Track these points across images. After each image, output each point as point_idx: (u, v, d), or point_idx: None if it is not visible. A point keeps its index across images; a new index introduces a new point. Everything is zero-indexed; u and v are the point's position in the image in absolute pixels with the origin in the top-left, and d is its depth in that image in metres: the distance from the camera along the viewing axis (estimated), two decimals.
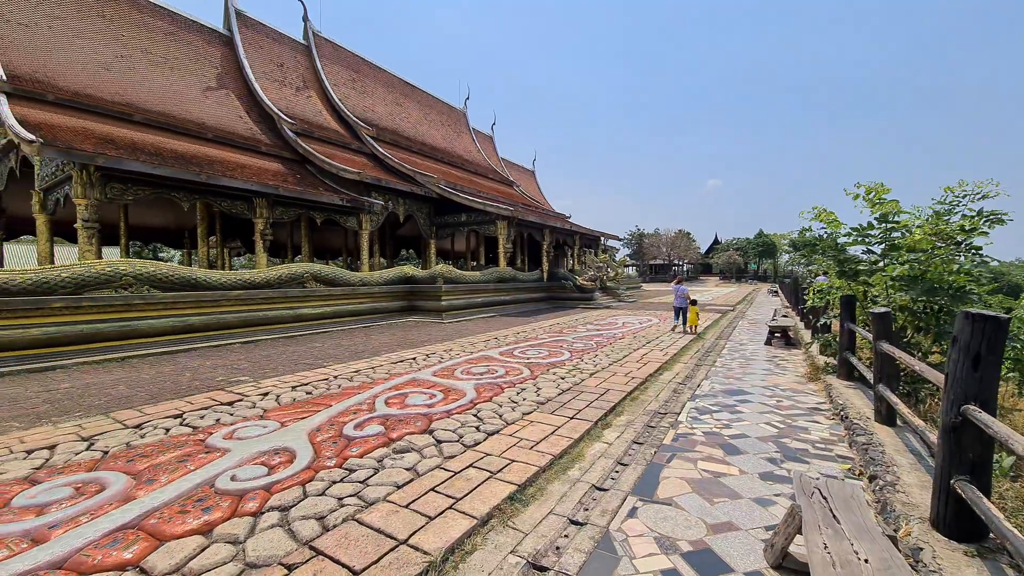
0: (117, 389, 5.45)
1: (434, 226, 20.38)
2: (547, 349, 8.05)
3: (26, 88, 11.32)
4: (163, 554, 2.17)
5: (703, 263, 71.85)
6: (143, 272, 8.28)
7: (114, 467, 3.12)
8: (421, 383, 5.51)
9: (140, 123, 13.39)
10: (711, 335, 10.44)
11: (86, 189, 9.65)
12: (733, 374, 6.50)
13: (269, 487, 2.83)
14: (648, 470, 3.31)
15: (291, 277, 10.86)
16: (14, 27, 12.28)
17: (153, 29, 16.16)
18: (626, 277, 32.83)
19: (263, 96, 17.93)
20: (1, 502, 2.64)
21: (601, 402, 4.79)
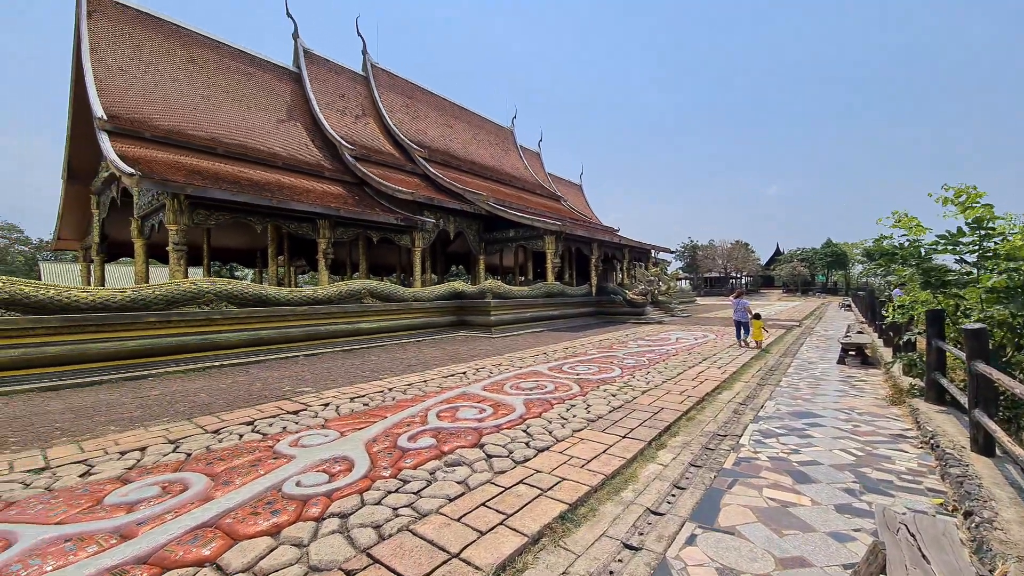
0: (199, 397, 5.97)
1: (483, 242, 20.79)
2: (597, 365, 7.90)
3: (125, 127, 12.91)
4: (237, 552, 2.34)
5: (763, 275, 67.83)
6: (222, 290, 9.07)
7: (196, 469, 3.41)
8: (471, 397, 5.58)
9: (221, 155, 14.85)
10: (775, 352, 9.80)
11: (177, 216, 10.80)
12: (801, 395, 6.04)
13: (330, 494, 2.97)
14: (707, 495, 3.14)
15: (350, 293, 11.46)
16: (115, 73, 14.10)
17: (234, 71, 17.98)
18: (679, 291, 31.65)
19: (326, 125, 19.32)
20: (95, 500, 2.94)
21: (655, 421, 4.62)
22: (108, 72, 13.87)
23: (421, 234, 16.72)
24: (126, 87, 14.03)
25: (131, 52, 14.91)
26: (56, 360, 6.99)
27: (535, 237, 19.09)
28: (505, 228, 19.98)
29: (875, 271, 41.77)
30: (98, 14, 14.61)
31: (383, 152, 20.66)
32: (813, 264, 62.37)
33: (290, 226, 13.33)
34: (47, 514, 2.74)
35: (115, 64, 14.23)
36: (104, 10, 14.85)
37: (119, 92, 13.69)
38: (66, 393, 6.35)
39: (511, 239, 20.10)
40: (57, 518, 2.69)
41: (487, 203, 18.87)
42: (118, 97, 13.53)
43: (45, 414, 5.21)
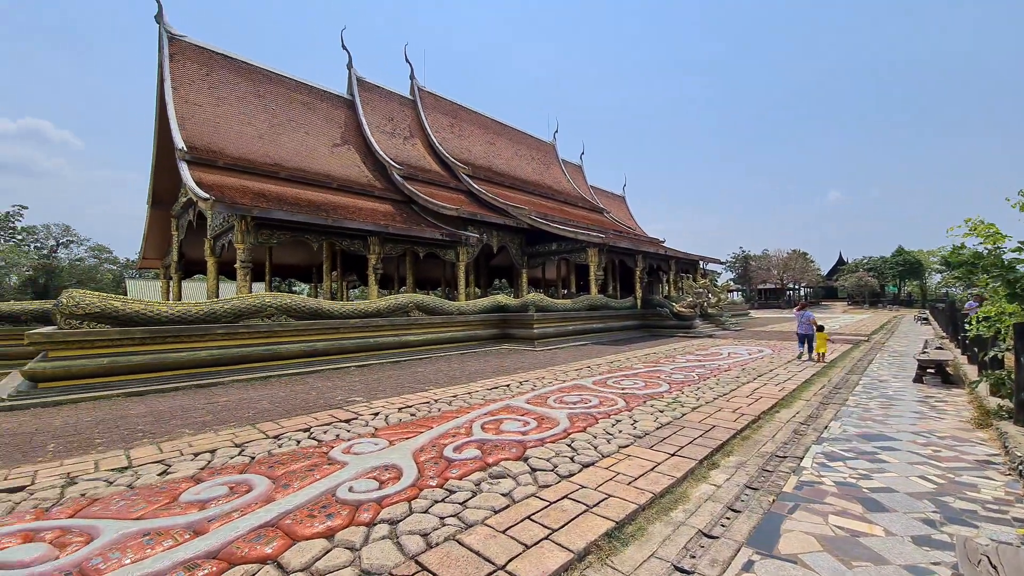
0: (261, 404, 6.37)
1: (525, 256, 20.92)
2: (643, 380, 7.69)
3: (201, 156, 14.21)
4: (295, 552, 2.46)
5: (825, 286, 63.47)
6: (282, 304, 9.68)
7: (259, 471, 3.64)
8: (515, 410, 5.59)
9: (283, 178, 15.98)
10: (840, 369, 9.12)
11: (244, 235, 11.70)
12: (872, 416, 5.57)
13: (380, 500, 3.07)
14: (766, 520, 2.96)
15: (397, 307, 11.87)
16: (193, 108, 15.60)
17: (295, 101, 19.40)
18: (730, 303, 30.23)
19: (377, 147, 20.34)
20: (171, 497, 3.20)
21: (706, 439, 4.42)
22: (187, 108, 15.39)
23: (465, 249, 17.09)
24: (202, 120, 15.49)
25: (207, 89, 16.48)
26: (139, 368, 7.71)
27: (578, 250, 18.99)
28: (547, 241, 20.02)
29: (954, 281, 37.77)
30: (179, 56, 16.31)
31: (429, 170, 21.43)
32: (883, 274, 57.63)
33: (343, 243, 14.06)
34: (128, 510, 2.99)
35: (193, 100, 15.78)
36: (184, 52, 16.57)
37: (196, 125, 15.14)
38: (147, 398, 6.98)
39: (553, 252, 20.10)
40: (137, 514, 2.94)
41: (529, 217, 19.03)
42: (195, 130, 14.96)
43: (129, 417, 5.74)
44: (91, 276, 43.42)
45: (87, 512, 2.99)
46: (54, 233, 43.40)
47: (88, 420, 5.63)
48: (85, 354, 7.30)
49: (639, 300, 20.03)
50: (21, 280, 37.49)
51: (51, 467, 3.89)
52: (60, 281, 39.53)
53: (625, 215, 39.07)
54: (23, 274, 36.93)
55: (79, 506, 3.08)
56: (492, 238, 19.17)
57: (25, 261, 35.92)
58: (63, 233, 43.88)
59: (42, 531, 2.73)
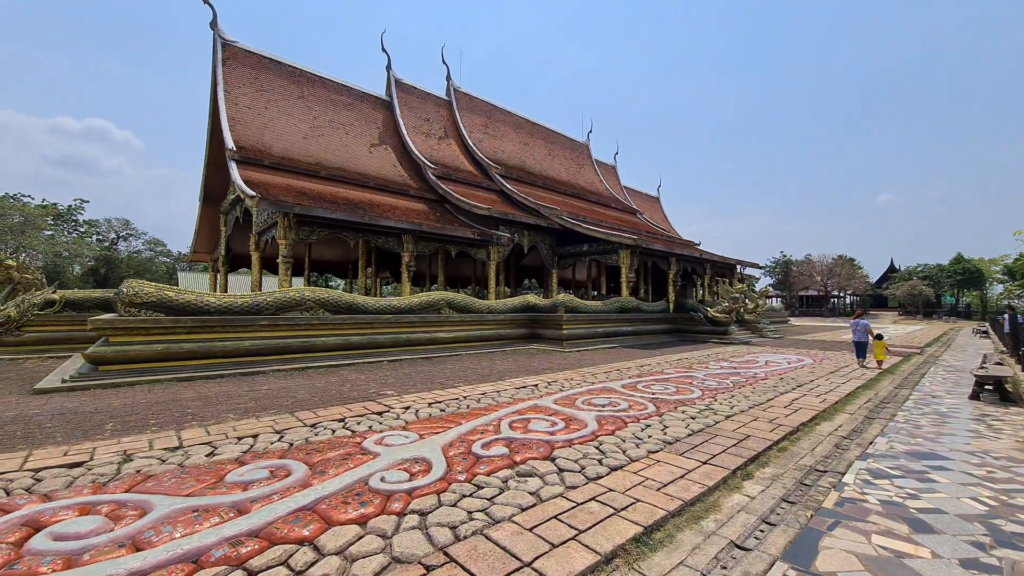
0: (299, 393, 6.64)
1: (556, 256, 20.84)
2: (674, 385, 7.52)
3: (249, 156, 14.91)
4: (331, 536, 2.57)
5: (873, 295, 60.08)
6: (320, 297, 10.05)
7: (297, 457, 3.80)
8: (543, 410, 5.60)
9: (324, 177, 16.57)
10: (888, 382, 8.63)
11: (286, 231, 12.22)
12: (922, 433, 5.25)
13: (411, 492, 3.15)
14: (803, 535, 2.85)
15: (429, 304, 12.09)
16: (243, 110, 16.39)
17: (337, 103, 20.07)
18: (768, 310, 29.11)
19: (412, 147, 20.76)
20: (217, 477, 3.39)
21: (740, 449, 4.29)
22: (237, 110, 16.20)
23: (496, 248, 17.20)
24: (250, 121, 16.27)
25: (256, 92, 17.30)
26: (190, 355, 8.18)
27: (609, 251, 18.75)
28: (579, 242, 19.88)
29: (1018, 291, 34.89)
30: (231, 61, 17.18)
31: (463, 170, 21.69)
32: (938, 283, 54.02)
33: (378, 240, 14.44)
34: (178, 487, 3.20)
35: (243, 103, 16.59)
36: (236, 58, 17.44)
37: (245, 126, 15.92)
38: (196, 383, 7.41)
39: (585, 253, 19.93)
40: (187, 491, 3.13)
41: (561, 217, 18.95)
42: (244, 130, 15.73)
43: (180, 401, 6.12)
44: (147, 268, 46.40)
45: (141, 488, 3.20)
46: (115, 227, 46.63)
47: (143, 402, 6.04)
48: (142, 340, 7.82)
49: (672, 304, 19.59)
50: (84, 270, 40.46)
51: (109, 444, 4.19)
52: (119, 272, 42.44)
53: (659, 217, 38.27)
54: (86, 264, 39.84)
55: (134, 482, 3.31)
56: (523, 238, 19.21)
57: (88, 252, 38.74)
58: (123, 227, 47.08)
59: (99, 504, 2.93)
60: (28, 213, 32.35)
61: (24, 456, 3.83)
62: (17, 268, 11.24)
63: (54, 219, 38.61)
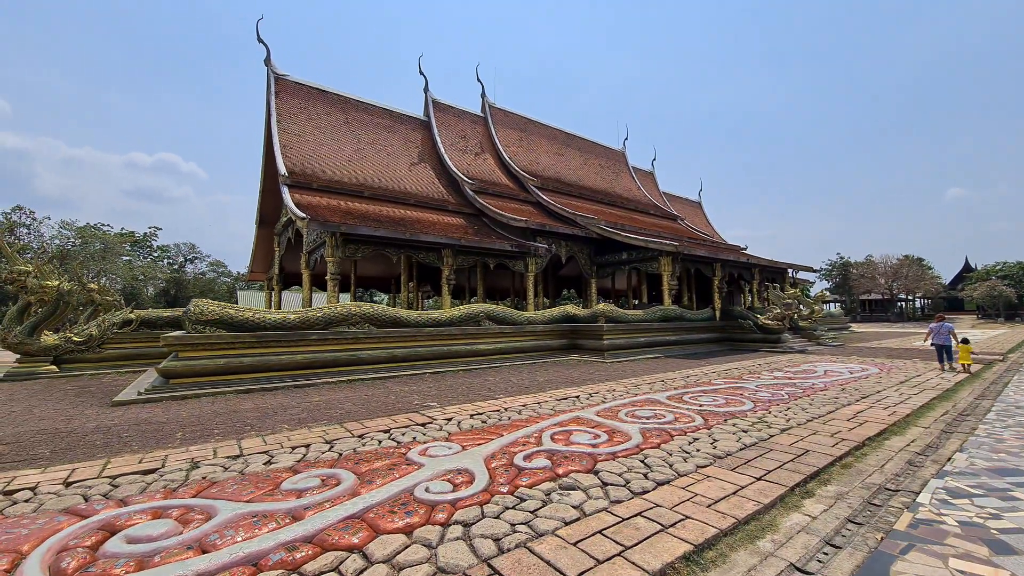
0: (347, 405, 6.90)
1: (594, 265, 20.61)
2: (723, 397, 7.20)
3: (299, 180, 15.84)
4: (378, 544, 2.64)
5: (947, 297, 55.13)
6: (366, 312, 10.44)
7: (346, 467, 3.94)
8: (585, 422, 5.52)
9: (367, 197, 17.32)
10: (967, 392, 7.86)
11: (333, 250, 12.83)
12: (1005, 448, 4.74)
13: (455, 502, 3.19)
14: (872, 559, 2.63)
15: (469, 316, 12.26)
16: (294, 138, 17.47)
17: (379, 126, 21.03)
18: (826, 316, 27.34)
19: (450, 164, 21.33)
20: (274, 485, 3.57)
21: (798, 464, 4.04)
22: (289, 138, 17.31)
23: (534, 259, 17.25)
24: (301, 148, 17.33)
25: (305, 120, 18.43)
26: (249, 368, 8.70)
27: (649, 259, 18.34)
28: (617, 250, 19.58)
29: None
30: (283, 93, 18.44)
31: (499, 184, 22.01)
32: (1021, 283, 48.82)
33: (419, 255, 14.86)
34: (240, 493, 3.39)
35: (294, 131, 17.72)
36: (287, 90, 18.70)
37: (296, 153, 16.97)
38: (254, 396, 7.85)
39: (624, 262, 19.59)
40: (247, 497, 3.32)
41: (598, 226, 18.77)
42: (295, 157, 16.77)
43: (240, 412, 6.50)
44: (210, 287, 49.95)
45: (207, 493, 3.42)
46: (183, 251, 50.69)
47: (208, 413, 6.47)
48: (207, 355, 8.40)
49: (718, 311, 18.81)
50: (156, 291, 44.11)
51: (178, 452, 4.52)
52: (186, 292, 45.94)
53: (702, 222, 37.07)
54: (158, 286, 43.44)
55: (200, 488, 3.55)
56: (561, 248, 19.16)
57: (160, 275, 42.28)
58: (190, 251, 51.09)
59: (169, 509, 3.14)
60: (108, 240, 35.79)
61: (103, 464, 4.19)
62: (98, 291, 12.43)
63: (131, 245, 42.51)
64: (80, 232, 35.15)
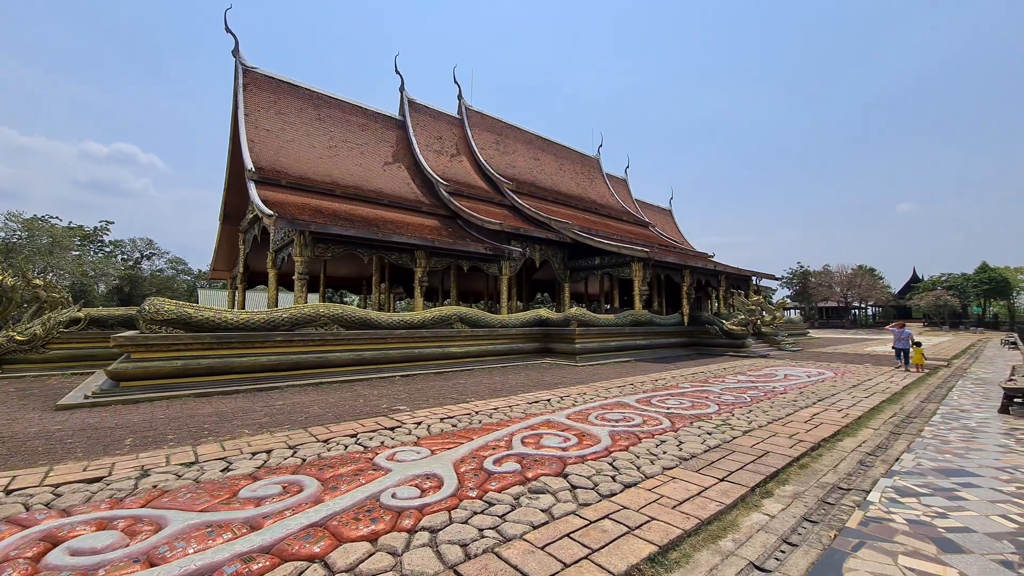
0: (312, 409, 6.69)
1: (568, 270, 20.82)
2: (690, 400, 7.38)
3: (267, 176, 15.33)
4: (341, 553, 2.56)
5: (896, 306, 58.51)
6: (334, 313, 10.18)
7: (309, 473, 3.82)
8: (555, 425, 5.54)
9: (339, 196, 16.93)
10: (914, 396, 8.34)
11: (302, 249, 12.46)
12: (950, 448, 5.05)
13: (422, 508, 3.13)
14: (826, 556, 2.74)
15: (441, 319, 12.14)
16: (262, 132, 16.92)
17: (352, 124, 20.61)
18: (786, 322, 28.51)
19: (425, 165, 21.13)
20: (231, 493, 3.41)
21: (758, 465, 4.17)
22: (257, 132, 16.74)
23: (508, 262, 17.27)
24: (269, 143, 16.79)
25: (275, 115, 17.88)
26: (208, 371, 8.33)
27: (621, 264, 18.67)
28: (590, 255, 19.85)
29: None
30: (251, 85, 17.83)
31: (474, 186, 21.96)
32: (964, 293, 52.38)
33: (392, 256, 14.63)
34: (193, 503, 3.22)
35: (263, 125, 17.15)
36: (256, 82, 18.09)
37: (264, 148, 16.42)
38: (213, 399, 7.51)
39: (596, 266, 19.87)
40: (201, 506, 3.16)
41: (572, 231, 18.98)
42: (263, 152, 16.23)
43: (197, 416, 6.21)
44: (169, 286, 47.64)
45: (157, 503, 3.24)
46: (139, 246, 48.14)
47: (161, 417, 6.14)
48: (162, 356, 7.99)
49: (686, 316, 19.33)
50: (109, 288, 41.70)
51: (127, 460, 4.26)
52: (142, 290, 43.65)
53: (672, 229, 38.07)
54: (110, 283, 41.08)
55: (150, 497, 3.35)
56: (535, 252, 19.26)
57: (113, 272, 39.98)
58: (147, 246, 48.58)
59: (115, 520, 2.96)
60: (56, 234, 33.61)
61: (45, 471, 3.92)
62: (44, 287, 11.65)
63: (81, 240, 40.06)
64: (27, 224, 32.82)
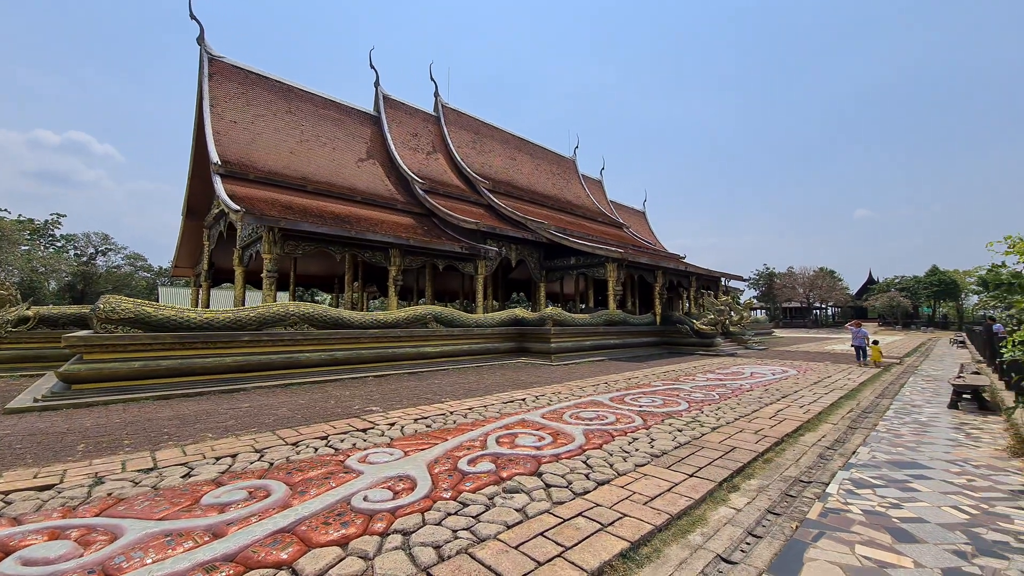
0: (281, 411, 6.50)
1: (544, 270, 20.94)
2: (661, 398, 7.55)
3: (234, 170, 14.79)
4: (310, 559, 2.49)
5: (854, 306, 61.41)
6: (305, 312, 9.91)
7: (277, 477, 3.70)
8: (530, 424, 5.56)
9: (311, 192, 16.50)
10: (869, 392, 8.77)
11: (271, 246, 12.08)
12: (903, 442, 5.34)
13: (394, 511, 3.08)
14: (788, 547, 2.85)
15: (416, 318, 12.00)
16: (229, 124, 16.31)
17: (324, 118, 20.11)
18: (753, 321, 29.52)
19: (400, 162, 20.84)
20: (193, 499, 3.27)
21: (726, 461, 4.30)
22: (223, 124, 16.11)
23: (484, 262, 17.22)
24: (237, 136, 16.19)
25: (243, 106, 17.25)
26: (168, 372, 7.97)
27: (596, 264, 18.91)
28: (566, 256, 20.02)
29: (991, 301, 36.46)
30: (218, 75, 17.16)
31: (450, 185, 21.80)
32: (916, 294, 55.48)
33: (365, 255, 14.36)
34: (151, 511, 3.07)
35: (229, 117, 16.52)
36: (223, 72, 17.42)
37: (231, 141, 15.83)
38: (174, 402, 7.19)
39: (572, 267, 20.06)
40: (160, 515, 3.01)
41: (548, 231, 19.10)
42: (230, 145, 15.64)
43: (156, 420, 5.93)
44: (126, 283, 45.32)
45: (112, 511, 3.08)
46: (93, 241, 45.60)
47: (117, 422, 5.84)
48: (118, 357, 7.59)
49: (658, 316, 19.76)
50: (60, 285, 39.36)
51: (80, 466, 4.04)
52: (97, 287, 41.38)
53: (645, 231, 38.82)
54: (62, 279, 38.78)
55: (105, 505, 3.19)
56: (511, 252, 19.28)
57: (65, 268, 37.74)
58: (102, 241, 46.06)
59: (68, 529, 2.81)
60: (3, 228, 31.49)
61: None
62: None
63: (31, 234, 37.64)
64: None
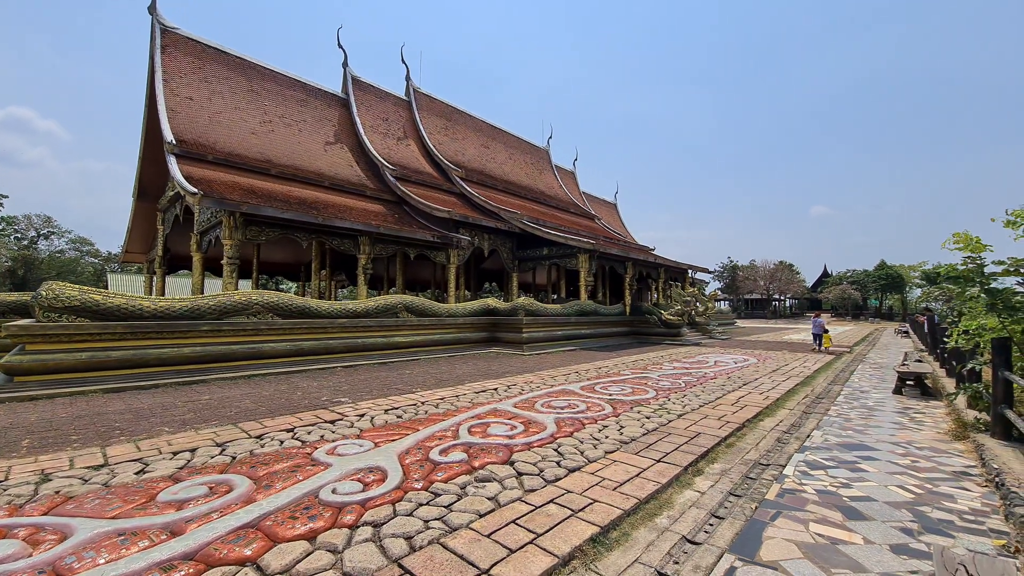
0: (244, 403, 6.27)
1: (516, 260, 20.94)
2: (630, 386, 7.73)
3: (191, 150, 13.99)
4: (276, 554, 2.42)
5: (809, 298, 64.54)
6: (269, 301, 9.56)
7: (240, 471, 3.57)
8: (502, 414, 5.58)
9: (274, 175, 15.82)
10: (822, 379, 9.27)
11: (232, 231, 11.54)
12: (852, 426, 5.67)
13: (364, 503, 3.03)
14: (748, 527, 2.99)
15: (386, 307, 11.79)
16: (184, 101, 15.37)
17: (289, 98, 19.24)
18: (717, 312, 30.59)
19: (370, 147, 20.25)
20: (148, 497, 3.12)
21: (691, 446, 4.46)
22: (178, 101, 15.16)
23: (456, 251, 17.06)
24: (193, 114, 15.28)
25: (199, 82, 16.27)
26: (119, 364, 7.54)
27: (568, 255, 19.07)
28: (539, 246, 20.08)
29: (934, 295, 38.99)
30: (172, 48, 16.09)
31: (422, 172, 21.38)
32: (865, 287, 58.79)
33: (333, 242, 13.94)
34: (103, 509, 2.91)
35: (185, 93, 15.55)
36: (177, 45, 16.35)
37: (187, 119, 14.93)
38: (127, 395, 6.82)
39: (544, 257, 20.15)
40: (112, 513, 2.86)
41: (521, 221, 19.08)
42: (186, 123, 14.74)
43: (106, 414, 5.61)
44: (71, 269, 42.44)
45: (61, 510, 2.91)
46: (35, 224, 42.36)
47: (64, 416, 5.49)
48: (63, 348, 7.12)
49: (628, 307, 20.16)
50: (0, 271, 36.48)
51: (25, 463, 3.78)
52: (40, 273, 38.59)
53: (616, 222, 39.38)
54: (2, 265, 35.95)
55: (53, 504, 3.00)
56: (483, 241, 19.17)
57: (5, 252, 34.96)
58: (44, 224, 42.85)
59: (15, 528, 2.66)
60: None
61: None
62: None
63: None
64: None
